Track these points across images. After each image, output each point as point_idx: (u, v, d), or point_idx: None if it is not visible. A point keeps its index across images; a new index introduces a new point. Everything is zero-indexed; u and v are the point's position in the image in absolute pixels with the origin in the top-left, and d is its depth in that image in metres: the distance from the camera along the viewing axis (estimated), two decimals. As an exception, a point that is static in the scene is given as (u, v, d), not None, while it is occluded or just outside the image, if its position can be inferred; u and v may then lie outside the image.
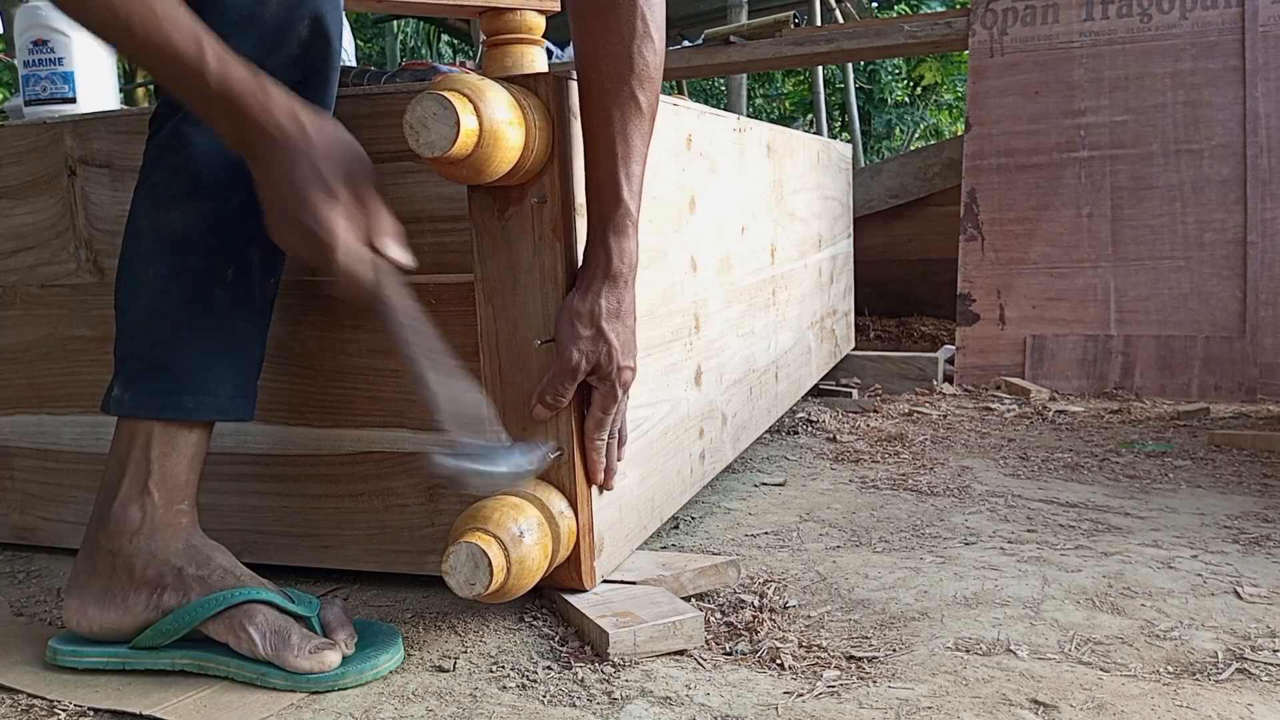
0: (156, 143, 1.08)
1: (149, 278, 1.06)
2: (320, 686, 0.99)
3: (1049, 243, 2.64)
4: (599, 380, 1.08)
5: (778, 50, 3.28)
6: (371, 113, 1.15)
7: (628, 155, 1.06)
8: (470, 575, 0.98)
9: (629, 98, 1.05)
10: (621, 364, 1.08)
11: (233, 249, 1.05)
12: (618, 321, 1.07)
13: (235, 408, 1.08)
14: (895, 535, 1.44)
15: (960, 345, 2.67)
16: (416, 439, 1.19)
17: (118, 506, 1.04)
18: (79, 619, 1.04)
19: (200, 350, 1.05)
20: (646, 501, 1.28)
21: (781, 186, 1.95)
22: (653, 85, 1.07)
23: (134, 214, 1.08)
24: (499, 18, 1.55)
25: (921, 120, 11.92)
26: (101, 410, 1.08)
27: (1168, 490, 1.66)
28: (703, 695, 0.96)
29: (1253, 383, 2.39)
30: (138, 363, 1.06)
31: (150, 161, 1.08)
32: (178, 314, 1.05)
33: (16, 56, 1.58)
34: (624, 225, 1.07)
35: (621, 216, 1.06)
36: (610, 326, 1.06)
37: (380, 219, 0.96)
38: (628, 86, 1.05)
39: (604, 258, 1.06)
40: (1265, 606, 1.15)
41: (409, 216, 1.16)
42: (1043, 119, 2.68)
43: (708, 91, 11.31)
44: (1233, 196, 2.49)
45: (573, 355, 1.06)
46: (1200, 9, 2.57)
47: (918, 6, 10.61)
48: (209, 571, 1.03)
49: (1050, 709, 0.92)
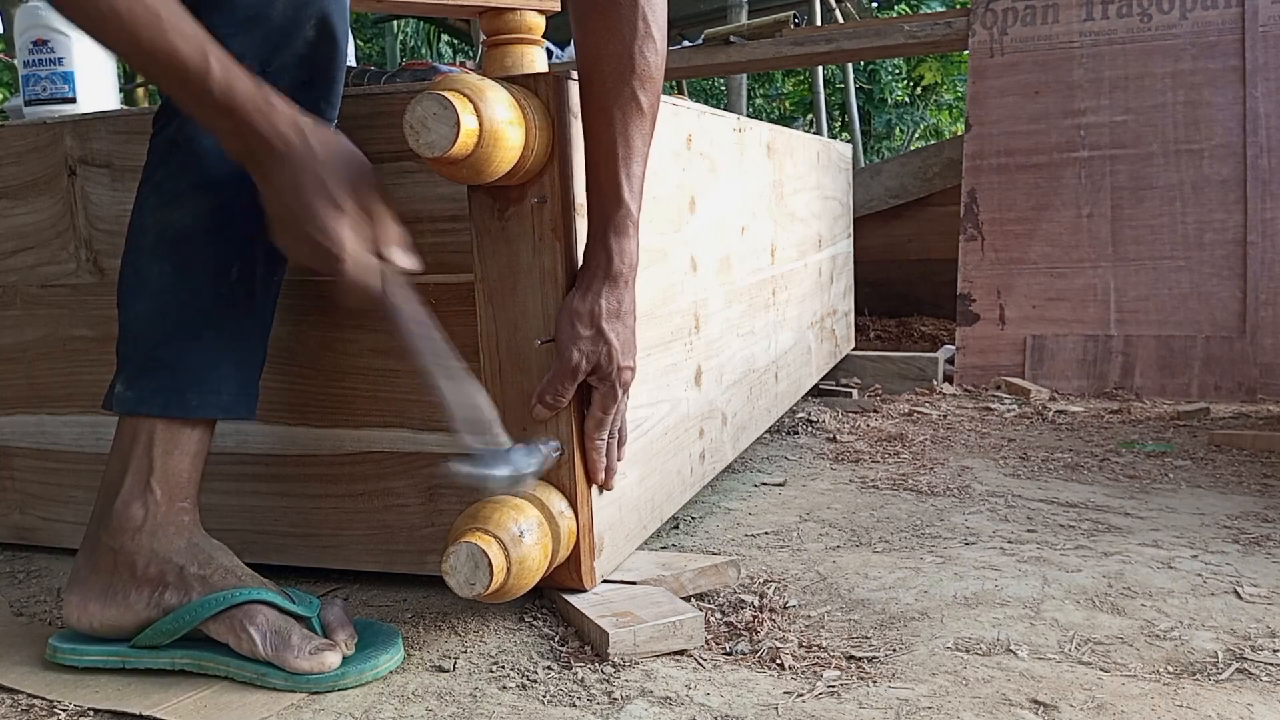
0: (161, 141, 1.08)
1: (153, 276, 1.06)
2: (320, 687, 0.99)
3: (1049, 243, 2.64)
4: (599, 380, 1.08)
5: (778, 50, 3.28)
6: (371, 113, 1.15)
7: (629, 155, 1.06)
8: (470, 575, 0.98)
9: (630, 98, 1.05)
10: (622, 364, 1.08)
11: (237, 247, 1.05)
12: (618, 322, 1.07)
13: (238, 406, 1.08)
14: (895, 535, 1.44)
15: (960, 345, 2.67)
16: (417, 439, 1.19)
17: (120, 504, 1.04)
18: (79, 615, 1.04)
19: (204, 348, 1.05)
20: (646, 501, 1.28)
21: (781, 186, 1.95)
22: (654, 86, 1.07)
23: (138, 211, 1.08)
24: (499, 18, 1.55)
25: (921, 120, 11.92)
26: (103, 407, 1.08)
27: (1168, 490, 1.66)
28: (703, 695, 0.96)
29: (1253, 383, 2.40)
30: (141, 360, 1.06)
31: (155, 160, 1.08)
32: (182, 312, 1.05)
33: (16, 56, 1.58)
34: (625, 225, 1.07)
35: (622, 217, 1.06)
36: (610, 326, 1.06)
37: (386, 226, 0.97)
38: (629, 87, 1.05)
39: (604, 258, 1.07)
40: (1265, 606, 1.15)
41: (409, 216, 1.16)
42: (1043, 119, 2.68)
43: (708, 91, 11.31)
44: (1233, 196, 2.49)
45: (573, 355, 1.06)
46: (1200, 9, 2.57)
47: (918, 6, 10.61)
48: (211, 570, 1.03)
49: (1050, 709, 0.92)
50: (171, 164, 1.06)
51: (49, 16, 1.54)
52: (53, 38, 1.55)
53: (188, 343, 1.05)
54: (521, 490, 1.04)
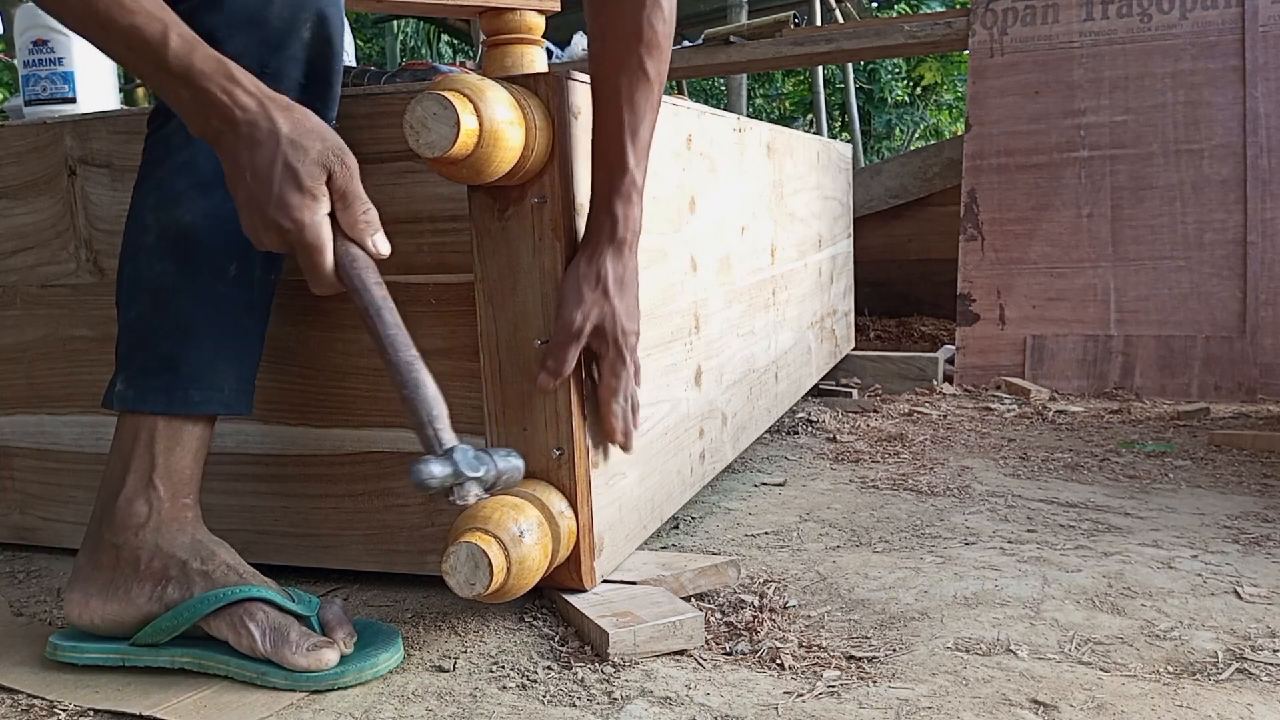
0: (158, 140, 1.08)
1: (153, 274, 1.06)
2: (320, 685, 0.99)
3: (1049, 243, 2.64)
4: (605, 345, 1.08)
5: (778, 50, 3.28)
6: (371, 113, 1.15)
7: (635, 123, 1.06)
8: (470, 575, 0.98)
9: (638, 66, 1.06)
10: (626, 327, 1.08)
11: (235, 245, 1.05)
12: (622, 287, 1.07)
13: (238, 402, 1.09)
14: (895, 535, 1.44)
15: (960, 345, 2.67)
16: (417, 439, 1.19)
17: (123, 501, 1.04)
18: (80, 611, 1.04)
19: (206, 345, 1.06)
20: (646, 501, 1.28)
21: (781, 186, 1.95)
22: (661, 54, 1.08)
23: (135, 210, 1.08)
24: (499, 18, 1.55)
25: (921, 120, 11.92)
26: (104, 405, 1.08)
27: (1168, 490, 1.66)
28: (703, 695, 0.96)
29: (1253, 383, 2.40)
30: (143, 358, 1.06)
31: (151, 158, 1.08)
32: (183, 310, 1.05)
33: (16, 56, 1.58)
34: (629, 192, 1.07)
35: (627, 183, 1.06)
36: (614, 290, 1.06)
37: (357, 210, 0.94)
38: (636, 55, 1.06)
39: (609, 224, 1.07)
40: (1265, 606, 1.15)
41: (409, 216, 1.16)
42: (1043, 119, 2.68)
43: (708, 91, 11.31)
44: (1233, 196, 2.49)
45: (575, 318, 1.05)
46: (1200, 9, 2.57)
47: (918, 7, 10.61)
48: (213, 567, 1.03)
49: (1050, 709, 0.92)
50: (170, 163, 1.06)
51: (50, 17, 1.54)
52: (53, 38, 1.55)
53: (189, 340, 1.05)
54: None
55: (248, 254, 1.06)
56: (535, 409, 1.10)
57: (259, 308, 1.11)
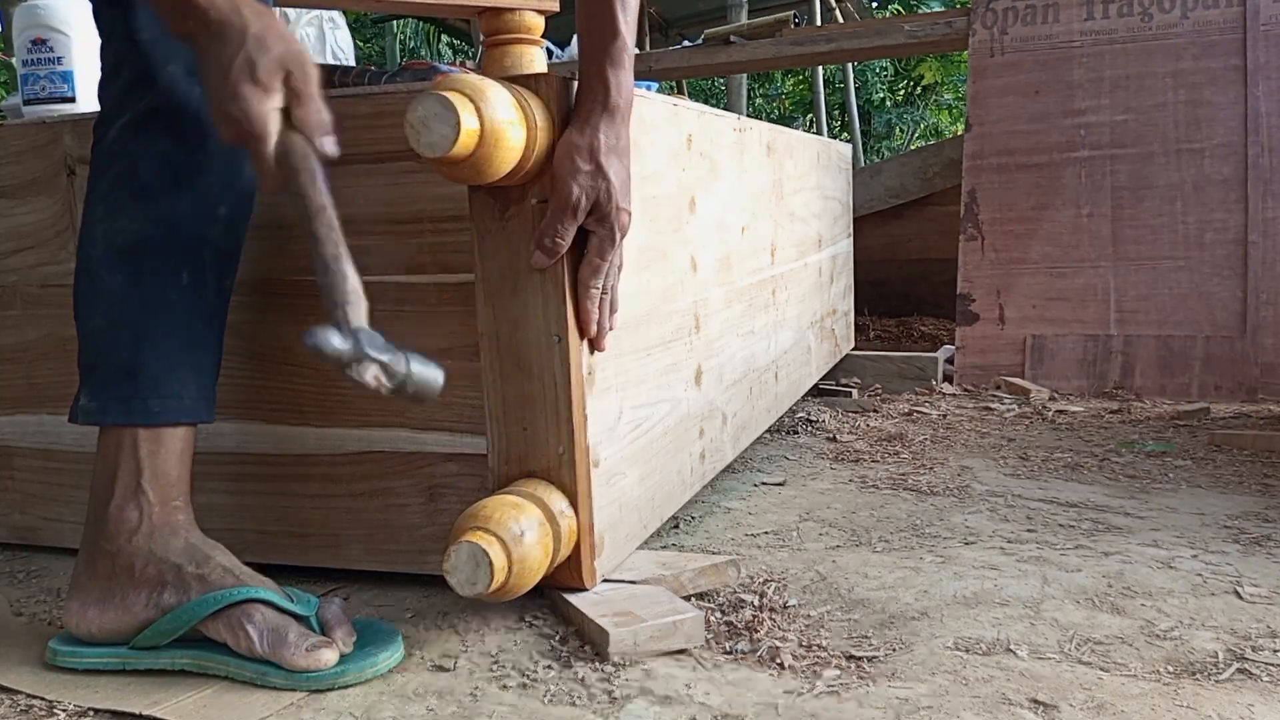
0: (101, 149, 1.09)
1: (105, 286, 1.06)
2: (320, 685, 0.99)
3: (1049, 242, 2.64)
4: (597, 222, 1.06)
5: (778, 50, 3.28)
6: (372, 113, 1.15)
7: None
8: (471, 574, 0.98)
9: None
10: (620, 204, 1.06)
11: (185, 254, 1.06)
12: (615, 158, 1.05)
13: (199, 410, 1.09)
14: (895, 535, 1.44)
15: (960, 345, 2.67)
16: (417, 438, 1.19)
17: (114, 508, 1.04)
18: (78, 621, 1.05)
19: (162, 354, 1.06)
20: (646, 501, 1.28)
21: (781, 186, 1.95)
22: None
23: (87, 222, 1.09)
24: (499, 18, 1.55)
25: (921, 120, 11.93)
26: (70, 421, 1.09)
27: (1168, 490, 1.66)
28: (703, 694, 0.96)
29: (1253, 383, 2.39)
30: (103, 371, 1.07)
31: (97, 169, 1.09)
32: (138, 320, 1.06)
33: (15, 56, 1.58)
34: (620, 58, 1.05)
35: (618, 48, 1.05)
36: (609, 162, 1.04)
37: (310, 108, 0.95)
38: None
39: (601, 91, 1.05)
40: (1265, 606, 1.15)
41: (409, 216, 1.16)
42: (1043, 119, 2.68)
43: (708, 91, 11.32)
44: (1234, 196, 2.49)
45: (573, 190, 1.03)
46: (1201, 8, 2.56)
47: (917, 7, 10.61)
48: (209, 570, 1.03)
49: (1050, 709, 0.92)
50: (112, 174, 1.07)
51: (48, 16, 1.54)
52: (51, 37, 1.54)
53: (145, 350, 1.05)
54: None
55: (199, 261, 1.07)
56: (536, 409, 1.10)
57: (214, 315, 1.11)
